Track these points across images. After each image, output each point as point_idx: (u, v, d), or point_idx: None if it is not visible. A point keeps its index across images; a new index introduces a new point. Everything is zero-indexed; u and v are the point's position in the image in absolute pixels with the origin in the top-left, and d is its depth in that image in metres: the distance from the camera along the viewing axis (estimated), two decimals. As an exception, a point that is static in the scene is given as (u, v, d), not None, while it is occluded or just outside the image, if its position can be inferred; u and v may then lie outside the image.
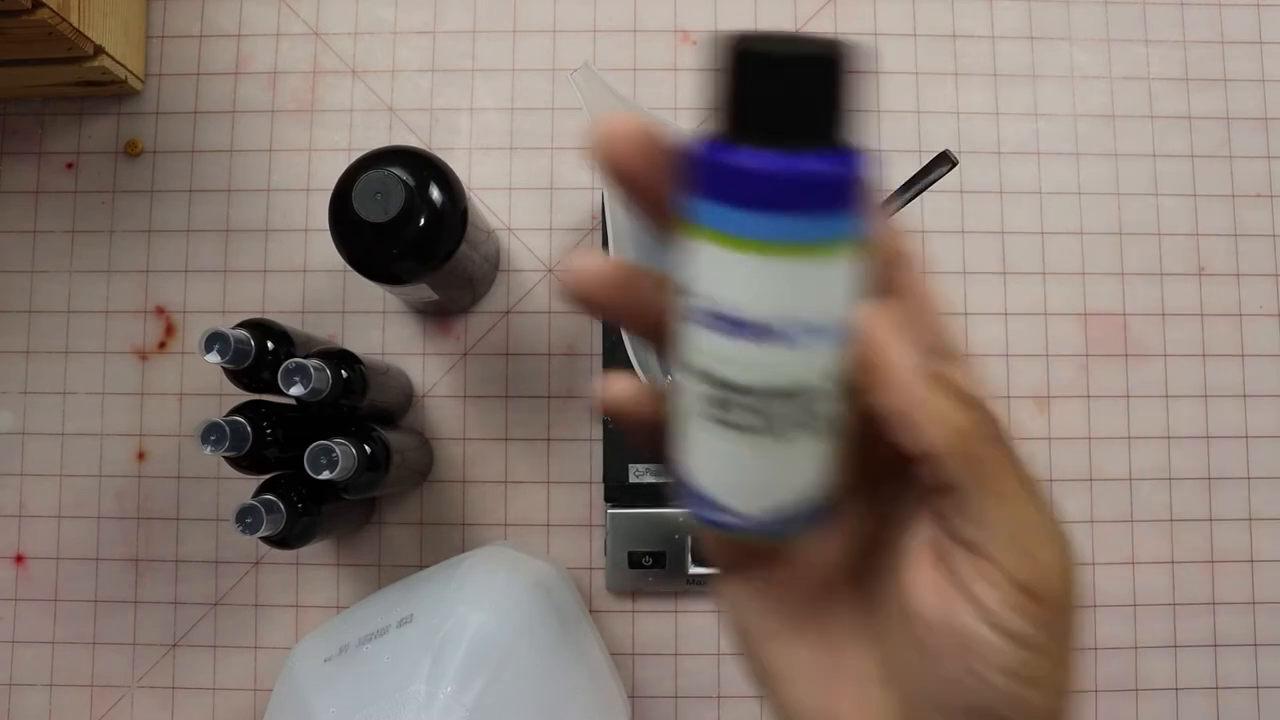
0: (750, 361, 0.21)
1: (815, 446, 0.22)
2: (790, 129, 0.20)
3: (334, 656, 0.53)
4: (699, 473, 0.23)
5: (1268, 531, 0.65)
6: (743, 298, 0.21)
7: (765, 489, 0.22)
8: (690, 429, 0.23)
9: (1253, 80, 0.69)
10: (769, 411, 0.22)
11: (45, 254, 0.67)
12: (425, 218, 0.52)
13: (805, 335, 0.21)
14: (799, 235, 0.20)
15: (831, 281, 0.21)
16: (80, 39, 0.60)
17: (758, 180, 0.20)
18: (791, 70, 0.20)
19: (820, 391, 0.22)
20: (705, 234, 0.21)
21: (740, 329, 0.21)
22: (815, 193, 0.20)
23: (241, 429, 0.50)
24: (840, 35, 0.21)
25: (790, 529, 0.23)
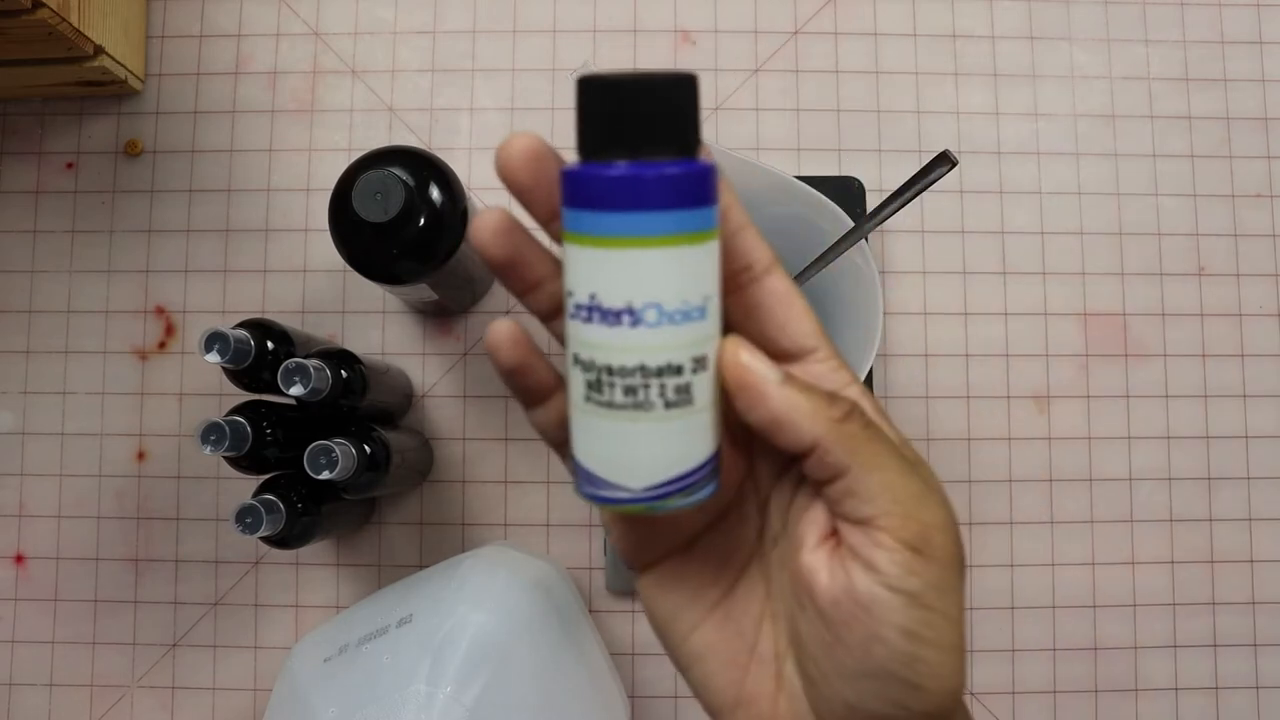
0: (614, 344, 0.24)
1: (686, 418, 0.25)
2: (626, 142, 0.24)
3: (334, 656, 0.53)
4: (586, 454, 0.26)
5: (1268, 531, 0.65)
6: (600, 287, 0.24)
7: (645, 461, 0.25)
8: (576, 415, 0.26)
9: (1253, 80, 0.69)
10: (637, 388, 0.24)
11: (45, 254, 0.67)
12: (425, 218, 0.52)
13: (659, 316, 0.24)
14: (639, 229, 0.24)
15: (678, 267, 0.24)
16: (80, 39, 0.60)
17: (596, 185, 0.24)
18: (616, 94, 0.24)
19: (681, 366, 0.25)
20: (569, 237, 0.25)
21: (604, 315, 0.24)
22: (644, 192, 0.24)
23: (241, 429, 0.50)
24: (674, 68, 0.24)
25: (671, 500, 0.25)
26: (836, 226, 0.54)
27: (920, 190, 0.48)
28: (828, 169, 0.67)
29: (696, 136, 0.25)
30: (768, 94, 0.68)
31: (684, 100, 0.25)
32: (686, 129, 0.25)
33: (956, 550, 0.25)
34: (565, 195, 0.25)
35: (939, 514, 0.25)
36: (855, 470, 0.25)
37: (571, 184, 0.24)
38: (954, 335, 0.66)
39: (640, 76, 0.24)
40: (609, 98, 0.24)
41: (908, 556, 0.24)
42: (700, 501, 0.26)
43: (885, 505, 0.25)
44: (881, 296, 0.52)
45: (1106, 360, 0.66)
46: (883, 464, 0.25)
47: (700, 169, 0.24)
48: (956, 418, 0.66)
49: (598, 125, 0.24)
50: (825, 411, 0.25)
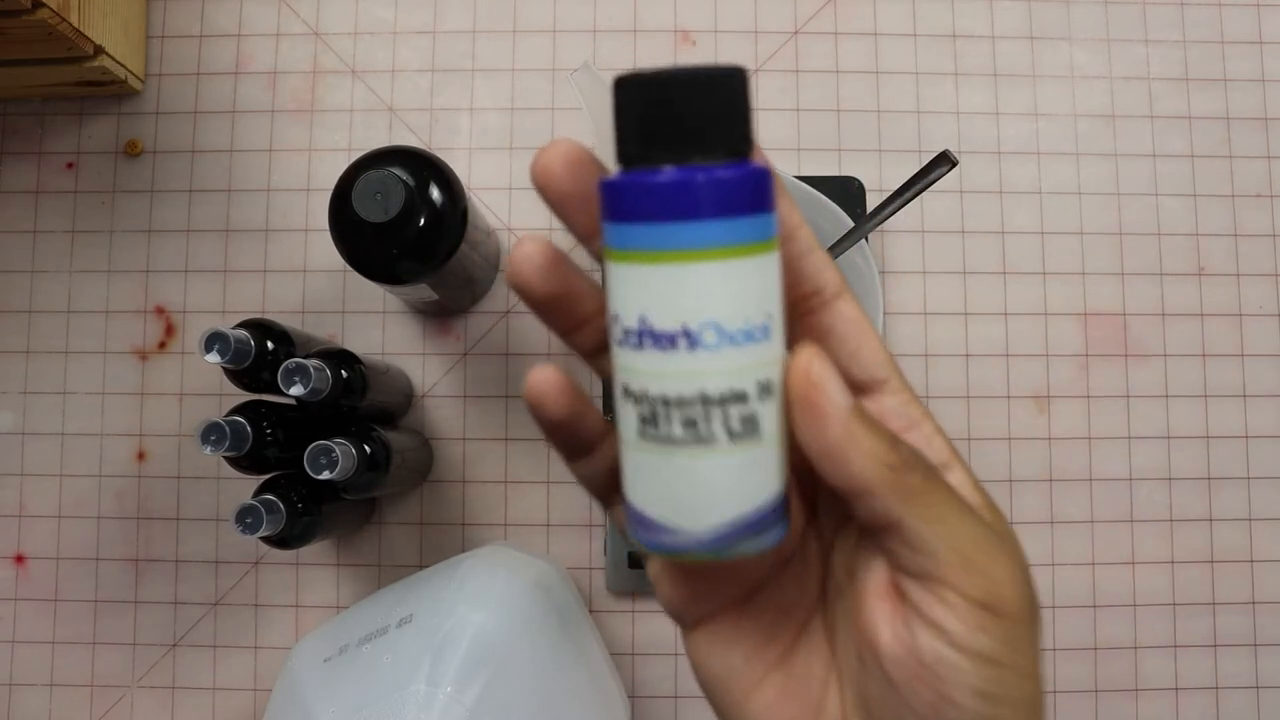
0: (670, 371, 0.22)
1: (753, 450, 0.22)
2: (673, 145, 0.22)
3: (334, 656, 0.53)
4: (642, 498, 0.23)
5: (1268, 531, 0.65)
6: (651, 308, 0.22)
7: (709, 502, 0.22)
8: (629, 454, 0.23)
9: (1253, 80, 0.69)
10: (697, 420, 0.22)
11: (45, 254, 0.67)
12: (425, 218, 0.52)
13: (719, 337, 0.22)
14: (691, 240, 0.21)
15: (738, 281, 0.22)
16: (80, 39, 0.60)
17: (641, 194, 0.22)
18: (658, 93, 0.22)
19: (746, 393, 0.22)
20: (612, 254, 0.22)
21: (656, 340, 0.22)
22: (695, 199, 0.21)
23: (241, 429, 0.50)
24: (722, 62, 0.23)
25: (737, 544, 0.23)
26: (836, 226, 0.54)
27: (920, 190, 0.48)
28: (828, 169, 0.67)
29: (749, 136, 0.23)
30: (768, 94, 0.68)
31: (734, 96, 0.22)
32: (738, 128, 0.22)
33: (1030, 602, 0.23)
34: (606, 208, 0.22)
35: (1009, 566, 0.23)
36: (910, 522, 0.23)
37: (613, 195, 0.22)
38: (954, 335, 0.66)
39: (684, 72, 0.22)
40: (650, 97, 0.22)
41: (976, 614, 0.22)
42: (770, 546, 0.23)
43: (947, 559, 0.22)
44: (881, 296, 0.52)
45: (1106, 360, 0.66)
46: (942, 515, 0.23)
47: (756, 171, 0.22)
48: (956, 418, 0.66)
49: (639, 128, 0.22)
50: (883, 455, 0.22)
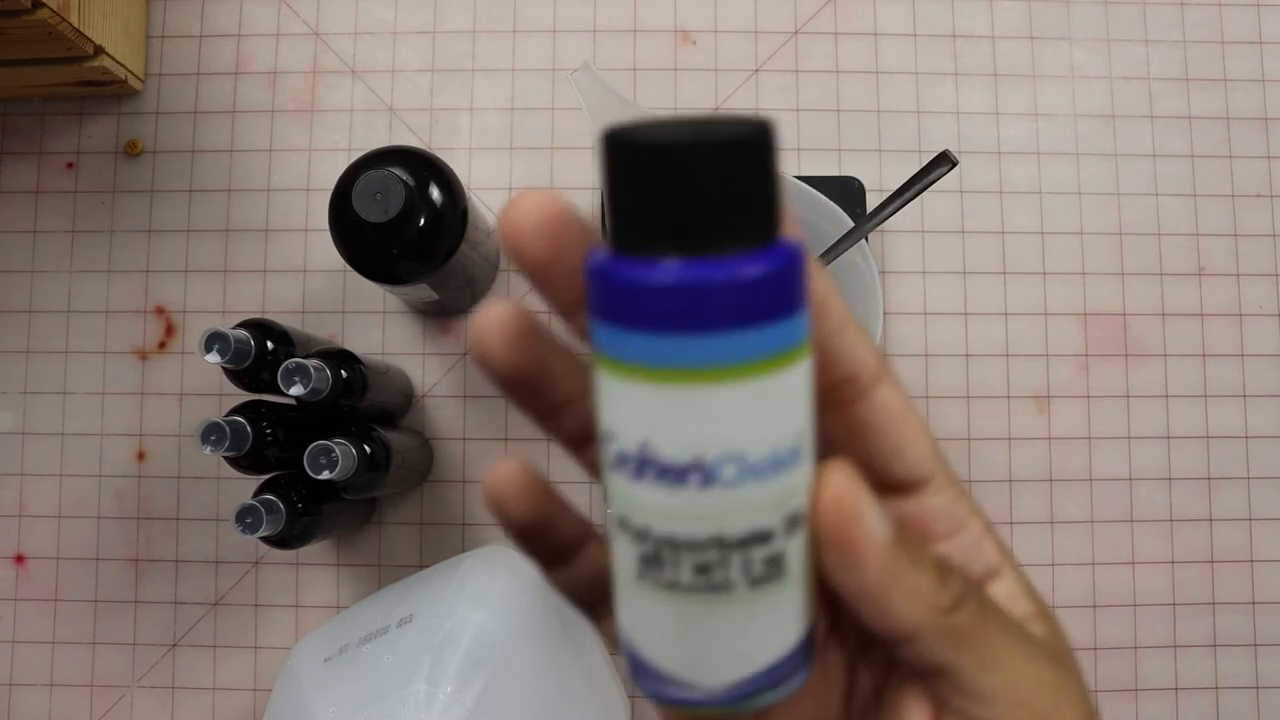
0: (678, 511, 0.18)
1: (778, 595, 0.19)
2: (682, 231, 0.17)
3: (334, 656, 0.53)
4: (644, 643, 0.19)
5: (1268, 531, 0.65)
6: (655, 434, 0.18)
7: (721, 655, 0.19)
8: (626, 593, 0.20)
9: (1253, 80, 0.69)
10: (712, 566, 0.18)
11: (45, 254, 0.67)
12: (425, 218, 0.52)
13: (740, 472, 0.18)
14: (707, 357, 0.17)
15: (765, 403, 0.18)
16: (80, 39, 0.60)
17: (640, 296, 0.17)
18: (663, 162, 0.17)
19: (771, 532, 0.18)
20: (604, 363, 0.18)
21: (662, 473, 0.18)
22: (712, 306, 0.17)
23: (241, 429, 0.50)
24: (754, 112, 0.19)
25: (757, 696, 0.19)
26: (836, 226, 0.54)
27: (920, 190, 0.48)
28: (828, 169, 0.67)
29: (777, 213, 0.18)
30: (768, 94, 0.68)
31: (759, 164, 0.17)
32: (766, 205, 0.17)
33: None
34: (594, 302, 0.18)
35: (1071, 709, 0.20)
36: (965, 669, 0.20)
37: (604, 289, 0.17)
38: (954, 335, 0.66)
39: (700, 134, 0.17)
40: (653, 167, 0.17)
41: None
42: (792, 692, 0.20)
43: (1006, 711, 0.20)
44: (881, 296, 0.52)
45: (1106, 360, 0.66)
46: (1002, 659, 0.20)
47: (786, 261, 0.17)
48: (956, 418, 0.66)
49: (637, 207, 0.17)
50: (930, 595, 0.19)
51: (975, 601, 0.20)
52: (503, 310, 0.20)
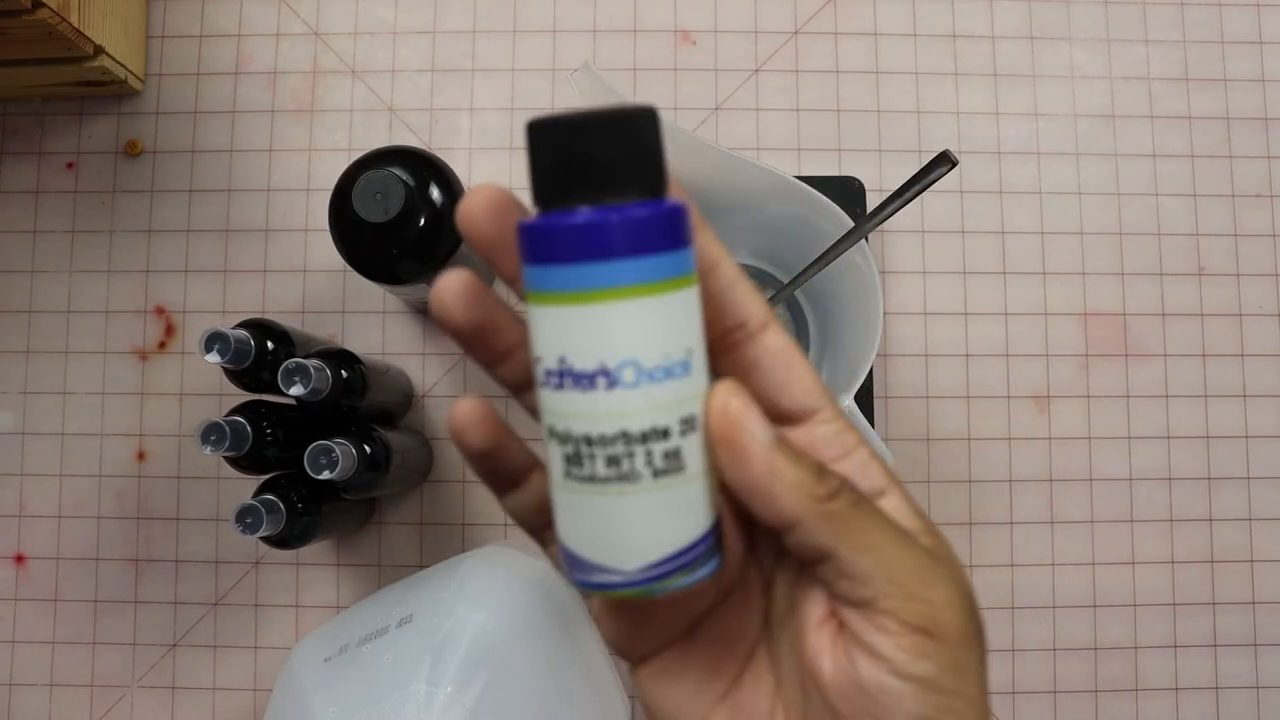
0: (591, 411, 0.22)
1: (679, 486, 0.22)
2: (586, 186, 0.22)
3: (334, 656, 0.53)
4: (572, 537, 0.23)
5: (1268, 531, 0.65)
6: (570, 348, 0.22)
7: (637, 540, 0.22)
8: (557, 494, 0.23)
9: (1253, 80, 0.69)
10: (620, 458, 0.22)
11: (45, 254, 0.67)
12: (425, 218, 0.52)
13: (638, 375, 0.22)
14: (606, 279, 0.21)
15: (654, 318, 0.22)
16: (80, 39, 0.60)
17: (555, 235, 0.22)
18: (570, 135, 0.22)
19: (668, 429, 0.22)
20: (532, 297, 0.23)
21: (576, 380, 0.22)
22: (608, 239, 0.21)
23: (241, 429, 0.50)
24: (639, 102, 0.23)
25: (670, 579, 0.23)
26: (836, 226, 0.54)
27: (920, 190, 0.48)
28: (828, 169, 0.67)
29: (662, 174, 0.23)
30: (768, 94, 0.68)
31: (645, 136, 0.23)
32: (650, 167, 0.23)
33: (972, 625, 0.23)
34: (524, 251, 0.23)
35: (947, 589, 0.23)
36: (843, 551, 0.22)
37: (529, 238, 0.22)
38: (954, 335, 0.66)
39: (594, 114, 0.22)
40: (562, 140, 0.22)
41: (915, 640, 0.22)
42: (703, 579, 0.23)
43: (883, 586, 0.22)
44: (881, 296, 0.52)
45: (1106, 360, 0.66)
46: (875, 543, 0.23)
47: (669, 209, 0.22)
48: (956, 418, 0.66)
49: (552, 171, 0.22)
50: (810, 487, 0.22)
51: (850, 494, 0.23)
52: (457, 276, 0.24)
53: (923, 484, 0.65)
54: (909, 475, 0.65)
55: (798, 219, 0.57)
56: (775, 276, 0.65)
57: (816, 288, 0.63)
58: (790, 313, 0.66)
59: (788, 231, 0.59)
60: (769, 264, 0.65)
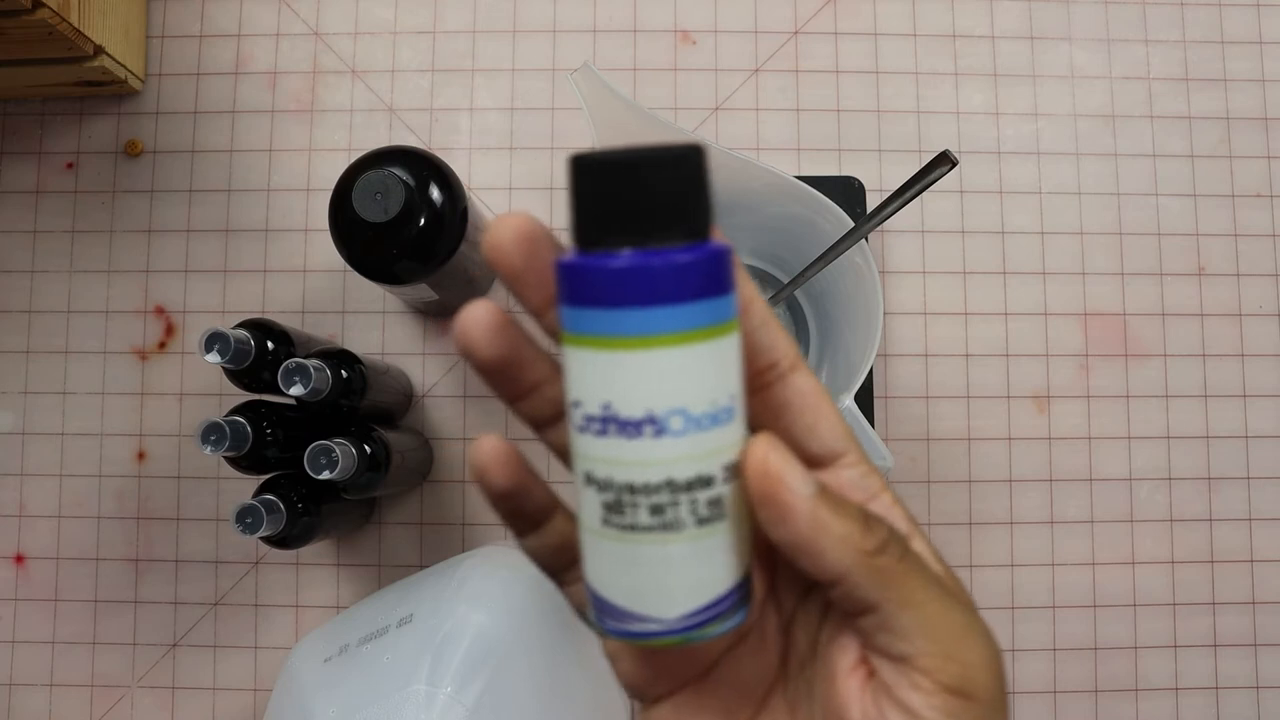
0: (636, 459, 0.22)
1: (721, 535, 0.22)
2: (631, 229, 0.21)
3: (334, 656, 0.53)
4: (607, 584, 0.23)
5: (1268, 531, 0.65)
6: (615, 395, 0.21)
7: (677, 589, 0.22)
8: (591, 540, 0.23)
9: (1253, 80, 0.69)
10: (664, 507, 0.22)
11: (45, 254, 0.67)
12: (425, 218, 0.52)
13: (686, 423, 0.21)
14: (656, 326, 0.21)
15: (704, 365, 0.21)
16: (80, 39, 0.60)
17: (601, 279, 0.21)
18: (614, 175, 0.21)
19: (713, 477, 0.22)
20: (572, 339, 0.22)
21: (621, 427, 0.21)
22: (658, 284, 0.21)
23: (241, 429, 0.50)
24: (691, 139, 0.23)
25: (707, 628, 0.22)
26: (836, 226, 0.54)
27: (920, 190, 0.48)
28: (828, 169, 0.67)
29: (708, 216, 0.22)
30: (768, 94, 0.68)
31: (691, 176, 0.22)
32: (697, 209, 0.22)
33: (1000, 687, 0.23)
34: (564, 292, 0.22)
35: (983, 651, 0.23)
36: (888, 607, 0.22)
37: (571, 278, 0.22)
38: (954, 335, 0.66)
39: (640, 152, 0.21)
40: (606, 179, 0.21)
41: (949, 701, 0.22)
42: (737, 626, 0.23)
43: (923, 645, 0.22)
44: (881, 296, 0.52)
45: (1106, 360, 0.66)
46: (919, 599, 0.23)
47: (717, 252, 0.22)
48: (956, 418, 0.66)
49: (596, 211, 0.22)
50: (858, 540, 0.22)
51: (898, 547, 0.23)
52: (484, 308, 0.23)
53: (923, 484, 0.65)
54: (909, 475, 0.65)
55: (798, 219, 0.57)
56: (775, 276, 0.65)
57: (816, 288, 0.63)
58: (790, 313, 0.66)
59: (788, 231, 0.59)
60: (769, 264, 0.65)
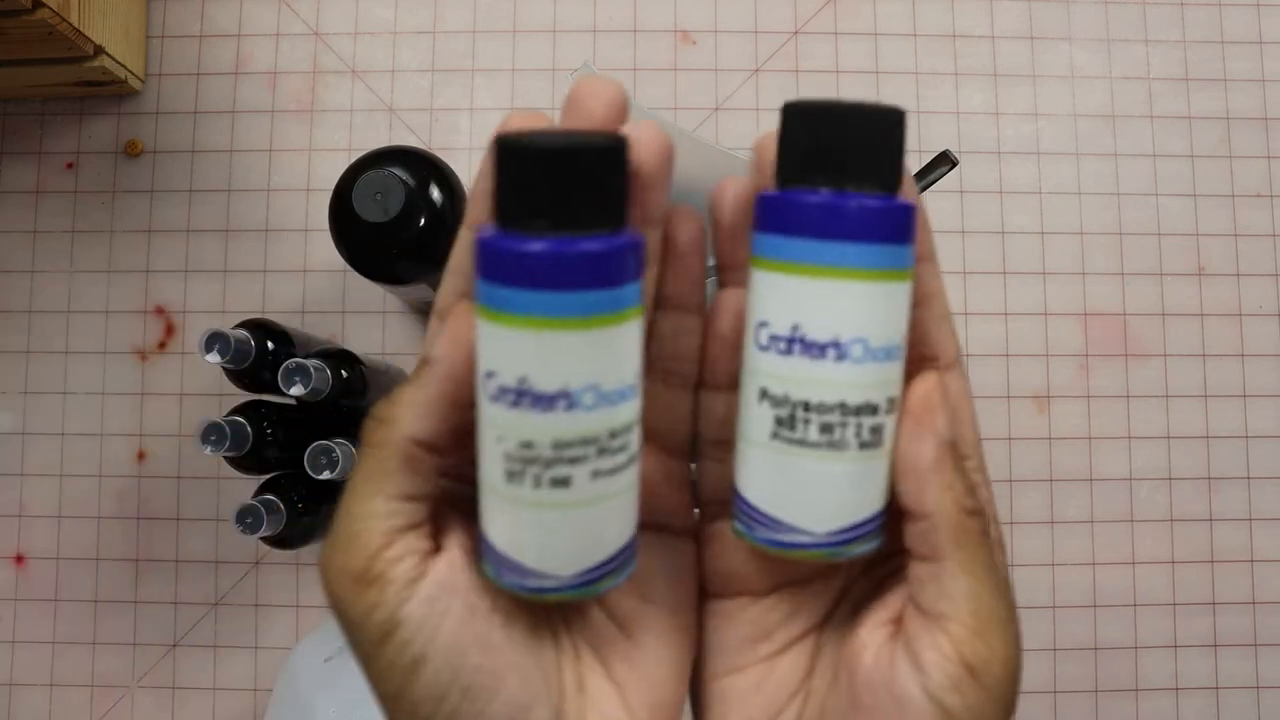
0: (816, 378, 0.23)
1: (875, 460, 0.24)
2: (831, 170, 0.23)
3: (334, 656, 0.53)
4: (763, 495, 0.24)
5: (1268, 531, 0.65)
6: (805, 318, 0.23)
7: (834, 504, 0.24)
8: (756, 452, 0.24)
9: (1253, 80, 0.69)
10: (834, 426, 0.23)
11: (45, 254, 0.67)
12: (425, 218, 0.52)
13: (865, 352, 0.23)
14: (851, 260, 0.23)
15: (886, 302, 0.23)
16: (80, 39, 0.60)
17: (807, 211, 0.23)
18: (827, 121, 0.23)
19: (878, 406, 0.24)
20: (764, 264, 0.24)
21: (807, 348, 0.23)
22: (860, 223, 0.23)
23: (241, 429, 0.50)
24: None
25: (854, 544, 0.24)
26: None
27: (920, 190, 0.48)
28: (828, 169, 0.67)
29: (901, 172, 0.24)
30: (768, 94, 0.68)
31: (891, 133, 0.24)
32: (893, 163, 0.24)
33: (1010, 690, 0.24)
34: (762, 219, 0.24)
35: (1009, 648, 0.24)
36: (950, 563, 0.23)
37: (774, 209, 0.24)
38: (954, 335, 0.66)
39: (850, 105, 0.23)
40: (817, 124, 0.23)
41: (960, 671, 0.23)
42: (873, 551, 0.25)
43: (962, 612, 0.23)
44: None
45: (1106, 360, 0.66)
46: (980, 573, 0.24)
47: (906, 206, 0.24)
48: (956, 418, 0.66)
49: (804, 151, 0.23)
50: (959, 495, 0.24)
51: (984, 522, 0.24)
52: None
53: (923, 484, 0.65)
54: (909, 475, 0.65)
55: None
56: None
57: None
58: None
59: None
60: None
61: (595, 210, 0.22)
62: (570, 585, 0.24)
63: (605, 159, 0.22)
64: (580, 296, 0.22)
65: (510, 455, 0.23)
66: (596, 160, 0.22)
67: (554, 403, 0.22)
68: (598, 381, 0.22)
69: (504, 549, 0.24)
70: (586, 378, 0.22)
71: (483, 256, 0.22)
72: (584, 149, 0.22)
